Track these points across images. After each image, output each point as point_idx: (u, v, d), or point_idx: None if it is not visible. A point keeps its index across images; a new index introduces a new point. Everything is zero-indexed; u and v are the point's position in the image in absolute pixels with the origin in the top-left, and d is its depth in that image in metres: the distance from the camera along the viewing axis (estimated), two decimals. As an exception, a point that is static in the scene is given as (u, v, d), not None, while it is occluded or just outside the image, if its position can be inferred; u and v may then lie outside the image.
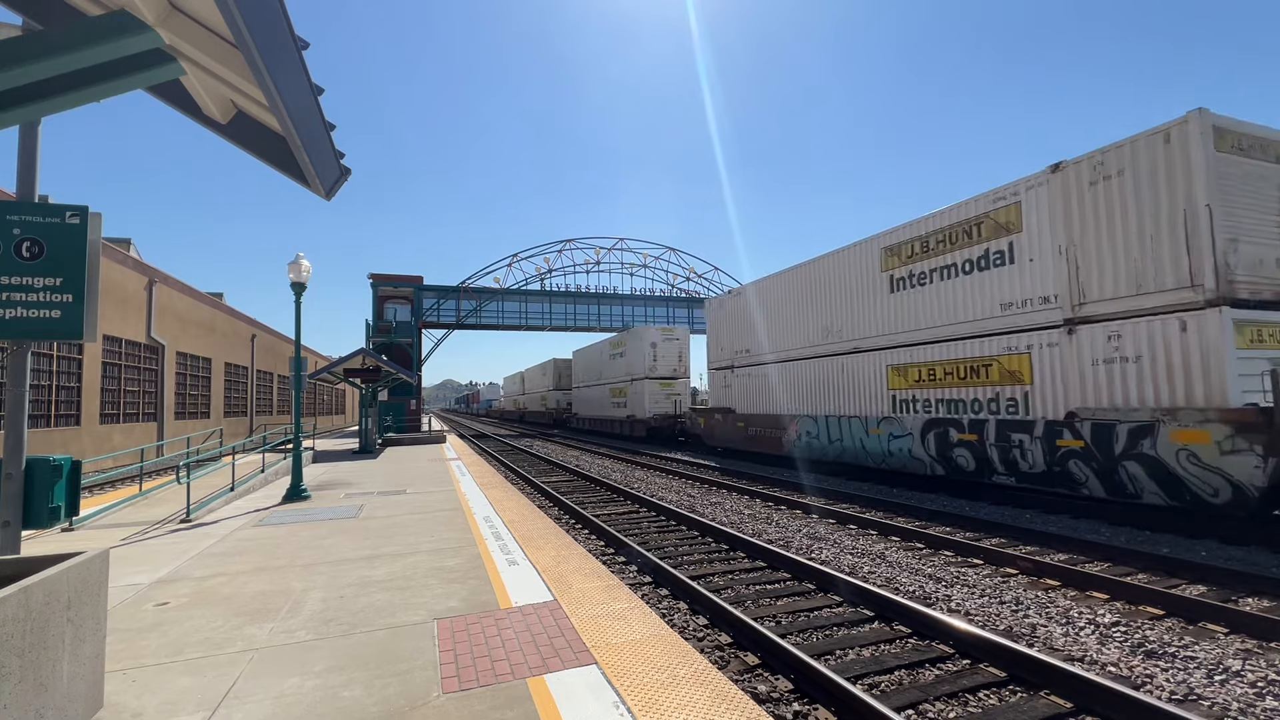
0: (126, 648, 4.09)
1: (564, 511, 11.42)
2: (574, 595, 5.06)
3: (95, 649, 3.15)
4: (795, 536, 9.02)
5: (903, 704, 4.11)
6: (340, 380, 20.40)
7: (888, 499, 11.61)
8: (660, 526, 10.08)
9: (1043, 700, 4.11)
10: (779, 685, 4.43)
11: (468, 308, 39.45)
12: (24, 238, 3.87)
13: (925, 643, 5.10)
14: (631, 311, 43.20)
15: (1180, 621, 5.48)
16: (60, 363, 15.95)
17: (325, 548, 6.90)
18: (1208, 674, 4.40)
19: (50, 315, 3.91)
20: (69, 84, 3.04)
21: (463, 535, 7.39)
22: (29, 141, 4.01)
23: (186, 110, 3.55)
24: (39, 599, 2.69)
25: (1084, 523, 9.48)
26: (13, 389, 4.09)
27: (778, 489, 13.62)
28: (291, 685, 3.51)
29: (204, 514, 9.13)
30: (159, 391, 20.89)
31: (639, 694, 3.34)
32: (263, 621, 4.56)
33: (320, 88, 2.82)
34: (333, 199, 3.76)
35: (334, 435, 35.25)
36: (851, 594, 6.17)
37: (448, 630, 4.30)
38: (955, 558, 7.79)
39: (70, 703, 2.90)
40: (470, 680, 3.54)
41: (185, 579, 5.75)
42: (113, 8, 2.90)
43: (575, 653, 3.91)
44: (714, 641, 5.26)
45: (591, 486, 14.94)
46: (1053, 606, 5.85)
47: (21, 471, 3.95)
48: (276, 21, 2.27)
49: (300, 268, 10.24)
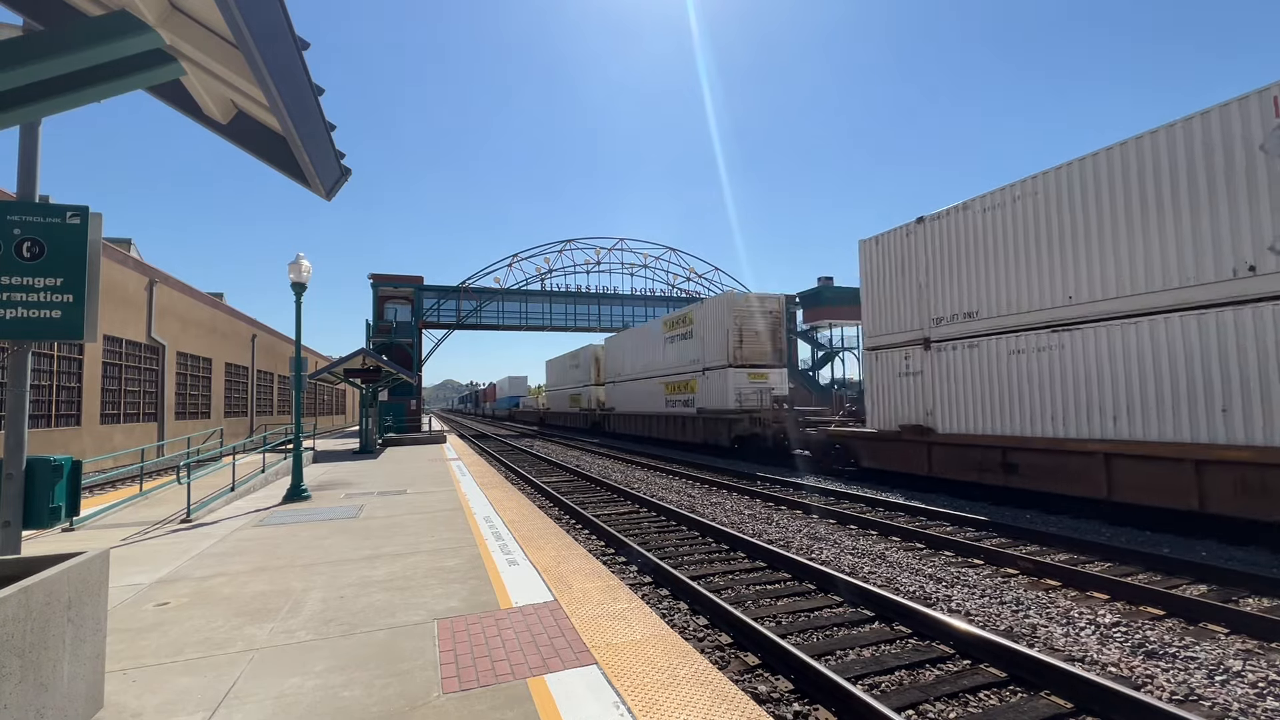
0: (127, 648, 4.09)
1: (564, 512, 11.42)
2: (574, 595, 5.05)
3: (95, 649, 3.15)
4: (795, 537, 9.02)
5: (903, 704, 4.11)
6: (340, 380, 20.41)
7: (888, 499, 11.61)
8: (660, 526, 10.08)
9: (1043, 700, 4.11)
10: (779, 685, 4.43)
11: (468, 308, 39.46)
12: (24, 238, 3.88)
13: (926, 643, 5.09)
14: (632, 312, 43.23)
15: (1181, 622, 5.47)
16: (61, 363, 15.96)
17: (325, 548, 6.89)
18: (1208, 674, 4.40)
19: (50, 315, 3.91)
20: (69, 84, 3.04)
21: (463, 535, 7.39)
22: (29, 141, 4.01)
23: (187, 110, 3.55)
24: (39, 599, 2.69)
25: (1084, 523, 9.48)
26: (13, 389, 4.09)
27: (778, 489, 13.62)
28: (291, 685, 3.51)
29: (204, 514, 9.13)
30: (159, 391, 20.89)
31: (639, 694, 3.34)
32: (263, 621, 4.56)
33: (320, 88, 2.82)
34: (333, 199, 3.76)
35: (334, 435, 35.25)
36: (852, 594, 6.17)
37: (448, 630, 4.30)
38: (955, 558, 7.79)
39: (70, 703, 2.90)
40: (470, 680, 3.54)
41: (185, 579, 5.75)
42: (113, 8, 2.91)
43: (575, 653, 3.90)
44: (714, 642, 5.25)
45: (591, 486, 14.94)
46: (1053, 607, 5.85)
47: (22, 471, 3.95)
48: (276, 21, 2.27)
49: (300, 268, 10.24)
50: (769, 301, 22.45)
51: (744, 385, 21.13)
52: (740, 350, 21.39)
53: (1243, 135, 8.09)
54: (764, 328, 21.89)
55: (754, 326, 21.76)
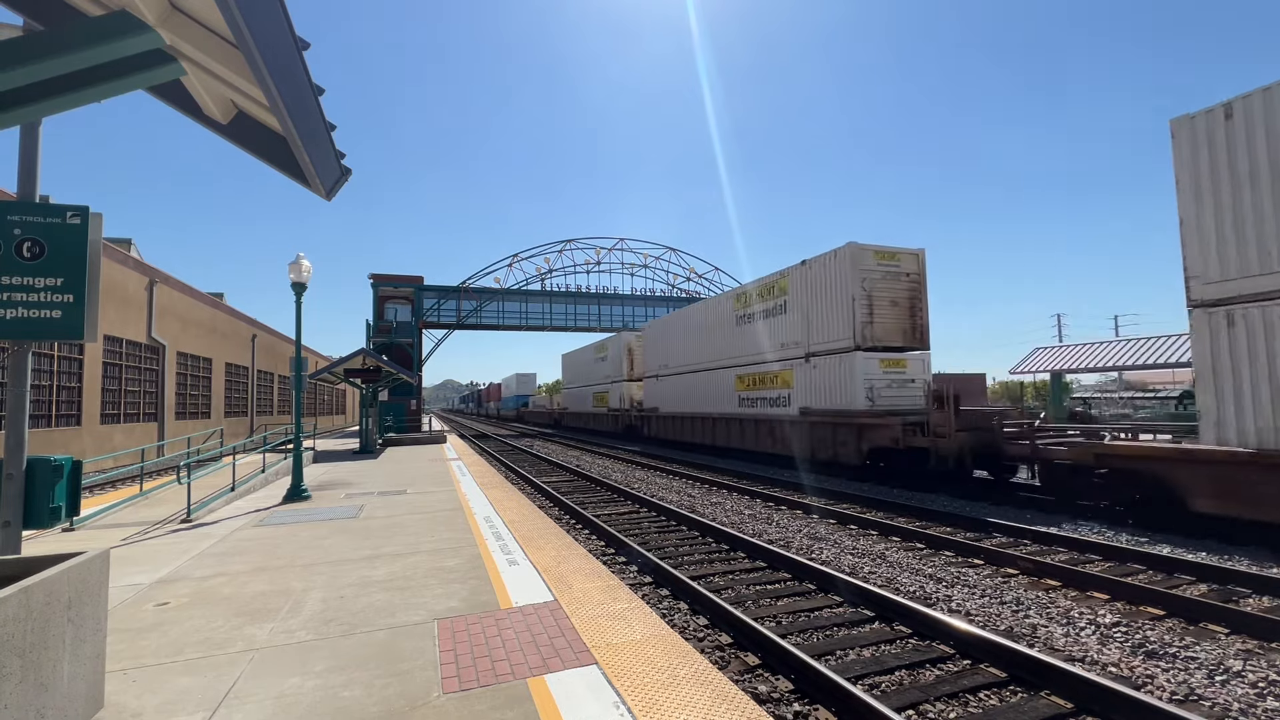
0: (127, 648, 4.09)
1: (564, 511, 11.42)
2: (574, 595, 5.05)
3: (96, 649, 3.15)
4: (795, 537, 9.02)
5: (903, 704, 4.11)
6: (340, 380, 20.41)
7: (888, 499, 11.60)
8: (661, 527, 10.08)
9: (1043, 700, 4.11)
10: (779, 685, 4.43)
11: (468, 308, 39.45)
12: (25, 238, 3.88)
13: (926, 643, 5.09)
14: (632, 311, 43.23)
15: (1181, 622, 5.47)
16: (61, 363, 15.96)
17: (325, 548, 6.89)
18: (1208, 674, 4.40)
19: (51, 315, 3.92)
20: (70, 84, 3.04)
21: (463, 535, 7.39)
22: (30, 141, 4.01)
23: (187, 110, 3.55)
24: (40, 599, 2.69)
25: (1084, 523, 9.48)
26: (13, 389, 4.09)
27: (778, 489, 13.62)
28: (292, 685, 3.51)
29: (204, 514, 9.13)
30: (160, 391, 20.89)
31: (639, 694, 3.34)
32: (263, 621, 4.56)
33: (320, 88, 2.82)
34: (333, 199, 3.76)
35: (334, 435, 35.25)
36: (852, 594, 6.17)
37: (448, 630, 4.30)
38: (956, 558, 7.79)
39: (71, 703, 2.90)
40: (470, 680, 3.53)
41: (186, 579, 5.75)
42: (113, 8, 2.91)
43: (575, 653, 3.90)
44: (714, 642, 5.25)
45: (591, 486, 14.94)
46: (1053, 607, 5.85)
47: (22, 471, 3.95)
48: (276, 21, 2.27)
49: (301, 268, 10.24)
50: (904, 259, 15.55)
51: (876, 375, 14.92)
52: (871, 327, 15.03)
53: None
54: (901, 295, 15.47)
55: (887, 293, 15.32)
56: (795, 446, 16.87)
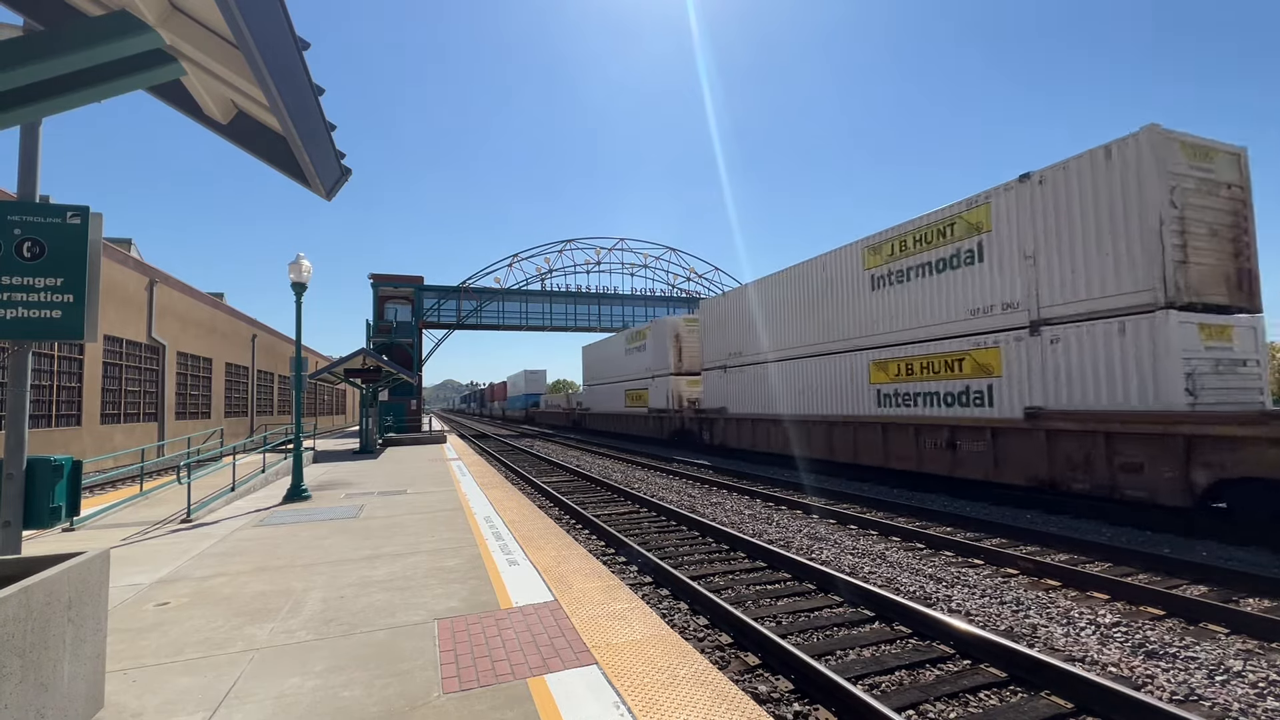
0: (127, 648, 4.09)
1: (564, 512, 11.42)
2: (574, 595, 5.05)
3: (96, 649, 3.15)
4: (796, 537, 9.02)
5: (903, 704, 4.11)
6: (341, 380, 20.41)
7: (888, 499, 11.60)
8: (661, 527, 10.08)
9: (1043, 701, 4.11)
10: (779, 685, 4.43)
11: (468, 308, 39.48)
12: (25, 238, 3.88)
13: (926, 643, 5.09)
14: (632, 311, 43.26)
15: (1181, 622, 5.47)
16: (61, 363, 15.95)
17: (325, 548, 6.90)
18: (1209, 674, 4.39)
19: (51, 315, 3.92)
20: (70, 84, 3.04)
21: (463, 535, 7.39)
22: (30, 142, 4.01)
23: (187, 110, 3.55)
24: (40, 599, 2.69)
25: (1084, 523, 9.47)
26: (14, 389, 4.10)
27: (778, 489, 13.62)
28: (292, 685, 3.51)
29: (204, 514, 9.13)
30: (160, 391, 20.89)
31: (639, 694, 3.34)
32: (263, 621, 4.56)
33: (320, 88, 2.82)
34: (333, 199, 3.76)
35: (334, 435, 35.25)
36: (852, 594, 6.17)
37: (448, 630, 4.30)
38: (956, 558, 7.79)
39: (71, 703, 2.90)
40: (470, 680, 3.54)
41: (186, 579, 5.75)
42: (113, 8, 2.91)
43: (575, 653, 3.90)
44: (714, 642, 5.25)
45: (591, 486, 14.94)
46: (1053, 607, 5.84)
47: (22, 471, 3.95)
48: (276, 21, 2.27)
49: (301, 268, 10.25)
50: (1221, 162, 9.57)
51: (1196, 352, 8.98)
52: (1185, 270, 9.02)
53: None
54: (1223, 220, 9.44)
55: (1202, 214, 9.28)
56: (1010, 468, 10.88)
